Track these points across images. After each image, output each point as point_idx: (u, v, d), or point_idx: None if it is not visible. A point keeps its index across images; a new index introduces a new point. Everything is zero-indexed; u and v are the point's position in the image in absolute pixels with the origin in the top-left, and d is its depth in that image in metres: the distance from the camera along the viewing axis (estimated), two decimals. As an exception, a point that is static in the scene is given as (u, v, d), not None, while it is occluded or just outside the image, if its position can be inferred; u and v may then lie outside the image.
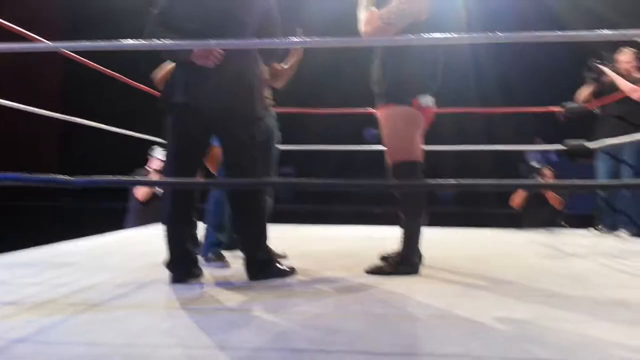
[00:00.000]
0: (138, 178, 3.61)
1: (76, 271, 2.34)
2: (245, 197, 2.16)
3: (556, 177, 4.69)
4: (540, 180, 4.46)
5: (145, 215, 4.81)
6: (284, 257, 2.74)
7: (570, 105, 4.22)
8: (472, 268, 2.49)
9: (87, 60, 3.13)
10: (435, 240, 3.47)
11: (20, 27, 2.64)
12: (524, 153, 8.83)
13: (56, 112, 3.29)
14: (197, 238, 2.78)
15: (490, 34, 1.75)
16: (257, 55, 2.21)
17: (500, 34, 1.72)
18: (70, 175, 1.40)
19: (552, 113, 4.41)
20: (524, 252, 3.21)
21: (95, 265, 2.50)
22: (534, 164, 4.66)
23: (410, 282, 2.15)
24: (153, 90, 2.91)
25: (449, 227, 4.47)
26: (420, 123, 2.35)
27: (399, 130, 2.31)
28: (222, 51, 2.03)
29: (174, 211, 2.15)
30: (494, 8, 7.10)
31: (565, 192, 4.66)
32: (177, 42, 1.95)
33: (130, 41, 1.81)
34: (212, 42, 1.90)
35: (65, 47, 2.02)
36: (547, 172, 4.75)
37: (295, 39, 2.15)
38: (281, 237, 3.01)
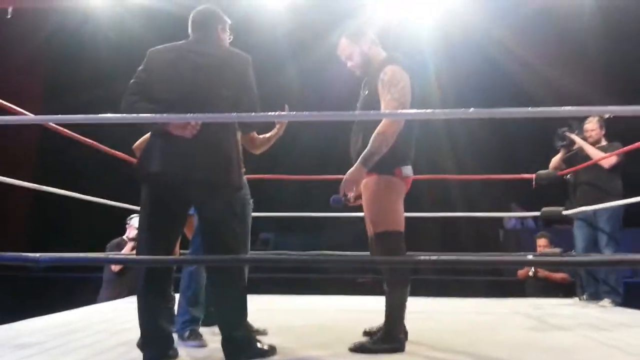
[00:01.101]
0: (107, 255, 3.44)
1: (37, 354, 2.18)
2: (224, 270, 2.08)
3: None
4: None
5: (120, 286, 4.63)
6: (263, 333, 2.63)
7: (541, 172, 4.32)
8: (459, 344, 2.41)
9: (66, 130, 3.09)
10: (419, 311, 3.38)
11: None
12: (502, 220, 8.99)
13: (29, 180, 3.20)
14: (173, 313, 2.66)
15: (463, 110, 1.80)
16: (235, 126, 2.20)
17: (471, 110, 1.75)
18: (43, 245, 1.32)
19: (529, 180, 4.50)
20: (509, 323, 3.14)
21: (60, 347, 2.33)
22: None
23: (396, 361, 2.06)
24: (134, 159, 2.86)
25: (431, 297, 4.39)
26: (402, 192, 2.35)
27: (383, 200, 2.30)
28: (199, 122, 2.01)
29: (148, 285, 2.05)
30: (463, 83, 7.40)
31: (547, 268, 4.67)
32: (154, 115, 1.93)
33: (108, 115, 1.79)
34: (190, 115, 1.89)
35: (41, 119, 1.99)
36: (542, 241, 4.77)
37: (272, 113, 2.16)
38: (259, 309, 2.90)
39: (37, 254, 1.28)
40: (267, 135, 2.84)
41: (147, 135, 2.41)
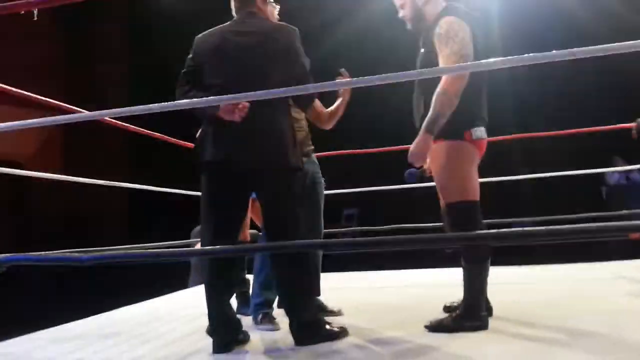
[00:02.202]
0: (162, 250, 3.50)
1: (121, 343, 2.26)
2: (286, 256, 2.01)
3: None
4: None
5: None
6: (338, 314, 2.55)
7: (641, 119, 3.81)
8: (551, 318, 2.17)
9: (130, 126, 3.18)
10: (503, 282, 3.14)
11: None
12: (604, 175, 8.22)
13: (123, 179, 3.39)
14: (248, 296, 2.65)
15: (543, 54, 1.52)
16: (286, 105, 2.10)
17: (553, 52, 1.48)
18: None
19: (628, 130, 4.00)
20: (611, 290, 2.81)
21: (141, 335, 2.40)
22: None
23: (479, 341, 1.88)
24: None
25: (516, 265, 4.07)
26: (475, 158, 2.13)
27: (453, 168, 2.09)
28: (247, 104, 1.93)
29: (213, 273, 2.03)
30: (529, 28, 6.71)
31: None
32: (199, 99, 1.87)
33: (153, 105, 1.75)
34: (231, 95, 1.80)
35: (91, 116, 2.01)
36: None
37: (322, 83, 2.01)
38: (332, 287, 2.82)
39: (81, 254, 1.26)
40: (333, 107, 2.68)
41: None
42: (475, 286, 2.06)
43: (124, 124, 3.28)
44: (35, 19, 1.55)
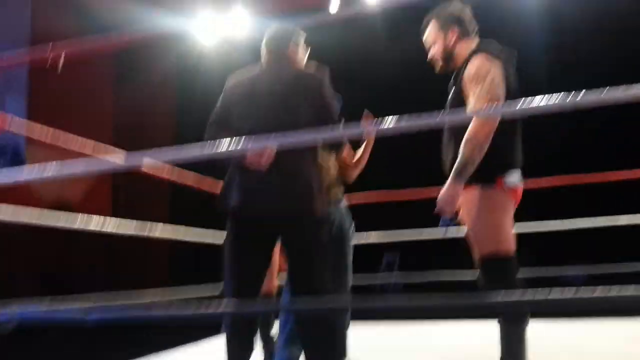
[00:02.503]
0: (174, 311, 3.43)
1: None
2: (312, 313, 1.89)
3: None
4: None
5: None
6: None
7: None
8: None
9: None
10: (560, 341, 2.87)
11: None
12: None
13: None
14: (272, 351, 2.52)
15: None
16: (314, 151, 2.03)
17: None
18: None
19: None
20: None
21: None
22: None
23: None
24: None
25: (571, 318, 3.74)
26: (509, 205, 1.96)
27: (485, 217, 1.92)
28: (273, 152, 1.87)
29: (233, 328, 1.93)
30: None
31: None
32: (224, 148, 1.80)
33: (183, 150, 1.72)
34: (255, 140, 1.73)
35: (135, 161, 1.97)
36: None
37: (346, 128, 1.93)
38: (362, 344, 2.63)
39: (85, 312, 1.19)
40: (357, 154, 2.59)
41: None
42: (511, 349, 1.86)
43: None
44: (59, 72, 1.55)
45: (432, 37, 2.13)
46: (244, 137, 1.86)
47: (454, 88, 2.07)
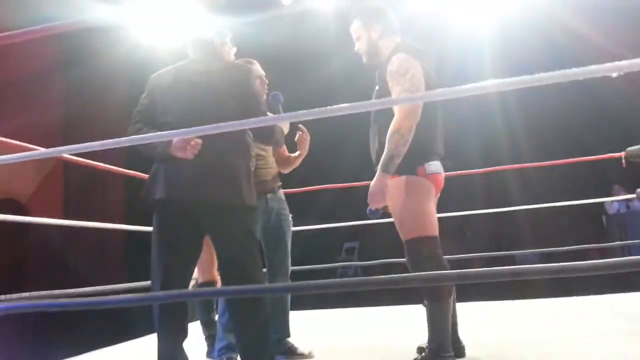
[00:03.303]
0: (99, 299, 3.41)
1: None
2: (242, 298, 1.93)
3: None
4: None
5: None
6: (308, 357, 2.44)
7: (630, 149, 3.73)
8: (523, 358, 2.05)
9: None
10: (485, 319, 3.01)
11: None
12: (603, 205, 8.07)
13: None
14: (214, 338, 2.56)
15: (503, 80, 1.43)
16: (242, 142, 2.05)
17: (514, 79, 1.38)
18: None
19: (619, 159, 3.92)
20: (605, 328, 2.65)
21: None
22: None
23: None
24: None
25: (491, 299, 3.89)
26: (430, 192, 2.07)
27: (408, 204, 2.03)
28: (200, 141, 1.89)
29: (162, 317, 1.94)
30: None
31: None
32: (145, 135, 1.82)
33: (107, 141, 1.72)
34: (182, 130, 1.75)
35: (57, 151, 1.96)
36: None
37: (273, 116, 1.98)
38: (302, 327, 2.71)
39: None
40: (292, 155, 2.67)
41: None
42: (438, 324, 1.96)
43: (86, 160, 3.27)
44: None
45: (358, 32, 2.22)
46: (169, 129, 1.89)
47: (378, 83, 2.16)
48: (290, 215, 2.63)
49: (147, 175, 2.06)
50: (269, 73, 2.60)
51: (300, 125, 2.52)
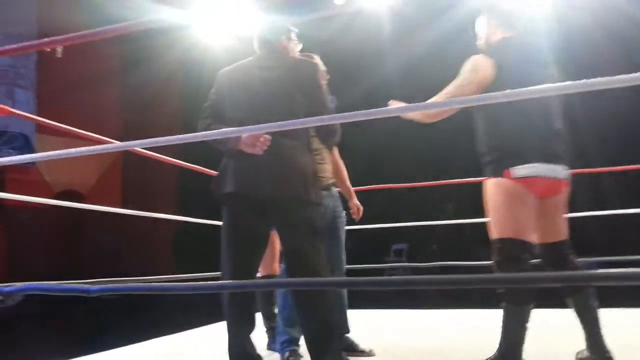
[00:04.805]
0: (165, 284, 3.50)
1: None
2: (307, 291, 1.94)
3: None
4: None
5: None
6: (369, 354, 2.44)
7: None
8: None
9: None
10: (553, 327, 2.90)
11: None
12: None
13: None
14: (273, 333, 2.59)
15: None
16: (308, 139, 2.07)
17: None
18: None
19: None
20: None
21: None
22: None
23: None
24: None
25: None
26: (519, 195, 1.98)
27: (494, 205, 2.03)
28: (269, 137, 1.92)
29: (233, 307, 1.98)
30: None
31: None
32: (221, 130, 1.87)
33: (173, 137, 1.77)
34: (254, 127, 1.79)
35: (130, 145, 2.03)
36: None
37: (343, 114, 1.98)
38: (364, 326, 2.70)
39: (89, 285, 1.25)
40: (347, 184, 2.74)
41: None
42: (510, 332, 1.91)
43: (163, 157, 3.37)
44: (59, 56, 1.61)
45: (480, 27, 2.27)
46: (238, 124, 1.93)
47: None
48: (344, 212, 2.64)
49: (200, 167, 2.08)
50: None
51: (358, 206, 2.70)
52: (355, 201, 2.74)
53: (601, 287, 1.61)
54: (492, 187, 2.04)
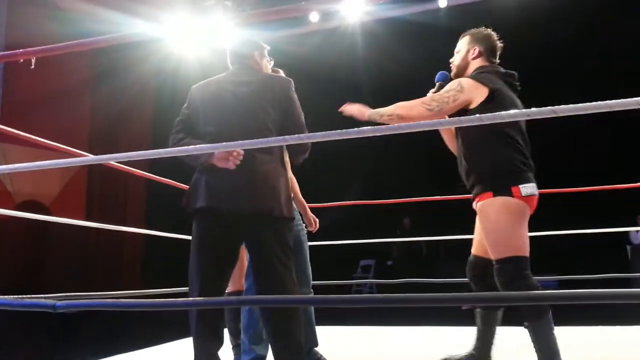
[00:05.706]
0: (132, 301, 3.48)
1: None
2: (277, 308, 1.95)
3: None
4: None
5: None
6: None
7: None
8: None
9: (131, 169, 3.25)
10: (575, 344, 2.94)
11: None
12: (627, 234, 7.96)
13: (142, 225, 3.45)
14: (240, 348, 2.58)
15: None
16: (282, 154, 2.10)
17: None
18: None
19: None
20: None
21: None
22: None
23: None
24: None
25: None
26: (525, 213, 2.08)
27: (503, 224, 2.05)
28: (242, 151, 1.93)
29: (200, 328, 1.97)
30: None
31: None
32: (195, 146, 1.88)
33: (147, 152, 1.77)
34: (225, 144, 1.80)
35: (99, 159, 2.02)
36: None
37: (311, 134, 2.02)
38: (336, 341, 2.71)
39: (55, 301, 1.24)
40: (301, 200, 2.74)
41: None
42: (545, 344, 1.96)
43: (131, 169, 3.34)
44: (32, 67, 1.61)
45: (460, 46, 2.33)
46: (210, 139, 1.95)
47: None
48: (305, 227, 2.67)
49: (166, 180, 2.08)
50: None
51: (314, 218, 2.72)
52: (310, 214, 2.72)
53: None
54: (497, 206, 2.05)
